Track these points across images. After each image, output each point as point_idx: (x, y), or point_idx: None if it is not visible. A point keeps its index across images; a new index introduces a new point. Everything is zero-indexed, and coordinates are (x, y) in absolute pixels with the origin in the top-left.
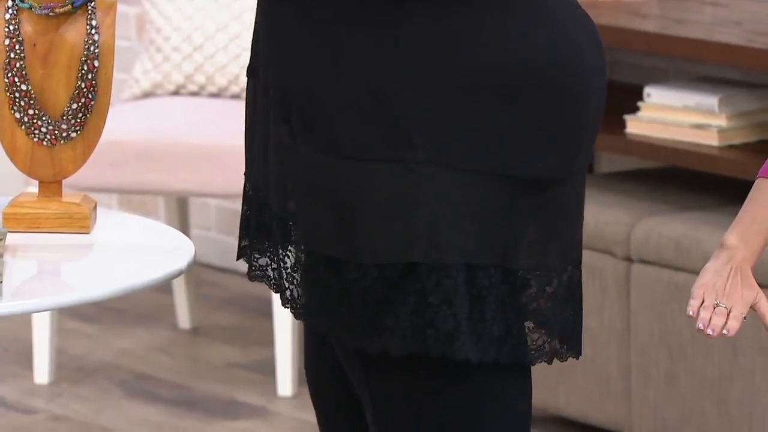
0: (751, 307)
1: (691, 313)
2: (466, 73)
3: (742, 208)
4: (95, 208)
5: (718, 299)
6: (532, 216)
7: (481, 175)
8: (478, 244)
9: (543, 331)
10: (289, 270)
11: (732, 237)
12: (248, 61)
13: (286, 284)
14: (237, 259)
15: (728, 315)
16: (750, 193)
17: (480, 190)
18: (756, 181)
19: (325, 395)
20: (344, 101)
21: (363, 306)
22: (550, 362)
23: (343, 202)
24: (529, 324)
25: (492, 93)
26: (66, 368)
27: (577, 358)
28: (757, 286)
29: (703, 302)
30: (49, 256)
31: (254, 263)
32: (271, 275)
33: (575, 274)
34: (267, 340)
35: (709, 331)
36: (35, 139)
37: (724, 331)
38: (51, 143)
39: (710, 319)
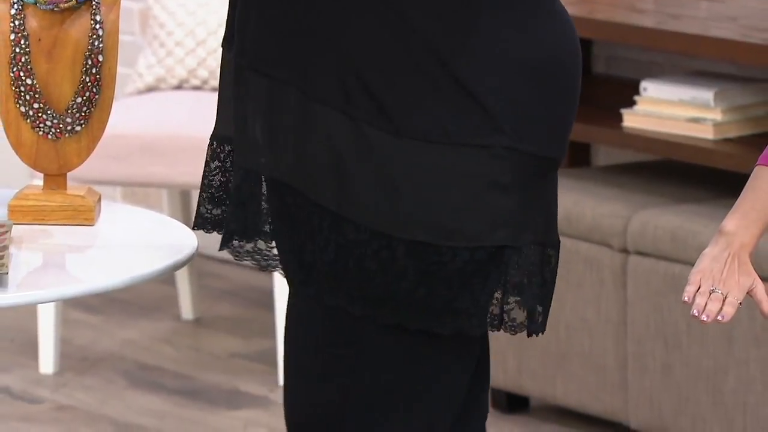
0: (747, 293)
1: (686, 298)
2: (534, 64)
3: (740, 195)
4: (99, 200)
5: (715, 285)
6: (554, 195)
7: (548, 160)
8: (543, 224)
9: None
10: (330, 254)
11: (730, 223)
12: (233, 46)
13: (311, 265)
14: (196, 228)
15: (724, 301)
16: (749, 180)
17: (545, 174)
18: (755, 169)
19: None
20: (425, 88)
21: (446, 288)
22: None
23: (427, 186)
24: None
25: (549, 83)
26: (71, 358)
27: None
28: (754, 272)
29: (699, 288)
30: (53, 248)
31: (232, 237)
32: (261, 256)
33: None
34: (269, 330)
35: (704, 317)
36: (40, 133)
37: (719, 317)
38: (56, 136)
39: (705, 305)
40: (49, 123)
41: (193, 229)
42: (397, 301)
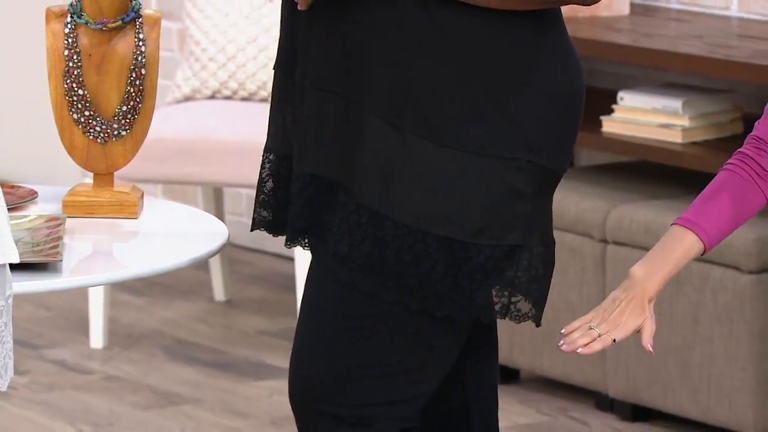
0: (637, 332)
1: (563, 331)
2: (557, 88)
3: (653, 248)
4: (142, 196)
5: (597, 323)
6: (552, 202)
7: (557, 174)
8: (546, 228)
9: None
10: (367, 247)
11: (639, 270)
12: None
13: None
14: (253, 229)
15: (597, 338)
16: (664, 236)
17: (553, 185)
18: (671, 226)
19: None
20: (468, 107)
21: (469, 281)
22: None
23: (461, 189)
24: None
25: (565, 105)
26: (117, 335)
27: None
28: (647, 314)
29: (583, 325)
30: (102, 238)
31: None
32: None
33: None
34: (291, 310)
35: (564, 346)
36: (90, 137)
37: (579, 350)
38: (104, 140)
39: (576, 338)
40: (98, 129)
41: (251, 230)
42: (426, 290)
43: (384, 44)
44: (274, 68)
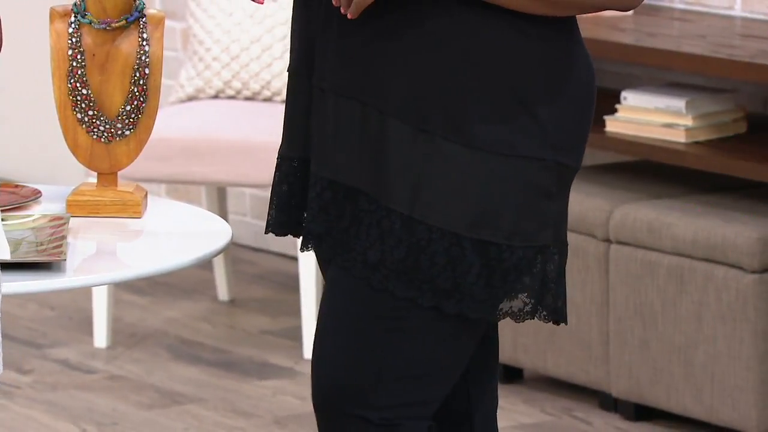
0: None
1: None
2: (577, 90)
3: None
4: (146, 196)
5: None
6: None
7: (575, 171)
8: (565, 226)
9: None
10: (401, 252)
11: None
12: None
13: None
14: (267, 232)
15: None
16: None
17: (571, 183)
18: None
19: None
20: (494, 108)
21: (502, 282)
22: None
23: (493, 191)
24: None
25: (583, 105)
26: (121, 334)
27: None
28: None
29: None
30: (106, 238)
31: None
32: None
33: None
34: (294, 310)
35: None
36: (94, 137)
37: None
38: (108, 140)
39: None
40: (102, 128)
41: (265, 233)
42: (462, 293)
43: (405, 47)
44: (288, 72)
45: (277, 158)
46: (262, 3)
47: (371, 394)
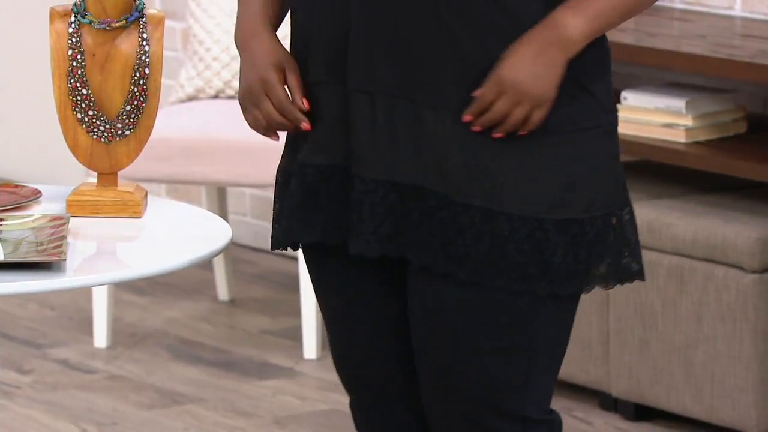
0: None
1: None
2: (607, 51)
3: None
4: (146, 196)
5: None
6: None
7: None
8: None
9: None
10: (486, 245)
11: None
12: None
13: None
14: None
15: None
16: None
17: None
18: None
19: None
20: (559, 95)
21: (587, 255)
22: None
23: (565, 169)
24: None
25: (610, 63)
26: (121, 334)
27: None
28: None
29: None
30: (106, 238)
31: (361, 236)
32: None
33: None
34: (295, 310)
35: None
36: (94, 137)
37: None
38: (108, 140)
39: None
40: (102, 128)
41: (281, 248)
42: (552, 274)
43: (454, 37)
44: (307, 78)
45: (297, 168)
46: None
47: (531, 392)
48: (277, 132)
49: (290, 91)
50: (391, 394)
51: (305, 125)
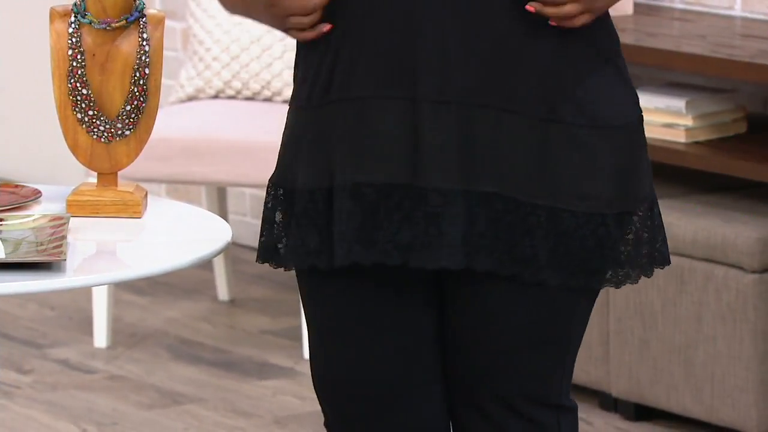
0: None
1: None
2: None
3: None
4: (146, 196)
5: None
6: None
7: None
8: None
9: None
10: (550, 242)
11: None
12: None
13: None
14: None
15: None
16: None
17: None
18: None
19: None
20: (606, 84)
21: (636, 246)
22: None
23: (618, 163)
24: None
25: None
26: (121, 334)
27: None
28: None
29: None
30: (106, 238)
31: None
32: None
33: None
34: (294, 310)
35: None
36: (94, 137)
37: None
38: (108, 140)
39: None
40: (102, 128)
41: (281, 266)
42: (612, 268)
43: (525, 41)
44: (351, 93)
45: (349, 186)
46: None
47: (564, 382)
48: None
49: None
50: (400, 405)
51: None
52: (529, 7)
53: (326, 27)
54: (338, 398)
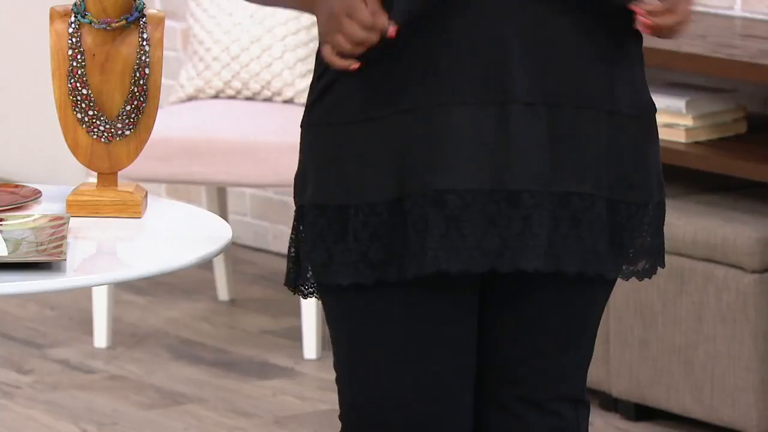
0: None
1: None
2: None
3: None
4: (146, 196)
5: None
6: None
7: None
8: None
9: None
10: (607, 235)
11: None
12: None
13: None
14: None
15: None
16: None
17: None
18: None
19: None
20: (641, 76)
21: (662, 236)
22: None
23: (655, 153)
24: None
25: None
26: (121, 334)
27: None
28: None
29: None
30: (106, 238)
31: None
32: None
33: None
34: (295, 310)
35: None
36: (94, 137)
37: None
38: (108, 140)
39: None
40: (102, 128)
41: (435, 269)
42: (652, 256)
43: (603, 41)
44: (439, 99)
45: (430, 194)
46: None
47: (585, 377)
48: (357, 60)
49: (372, 11)
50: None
51: (392, 29)
52: (641, 18)
53: (356, 64)
54: (392, 417)
